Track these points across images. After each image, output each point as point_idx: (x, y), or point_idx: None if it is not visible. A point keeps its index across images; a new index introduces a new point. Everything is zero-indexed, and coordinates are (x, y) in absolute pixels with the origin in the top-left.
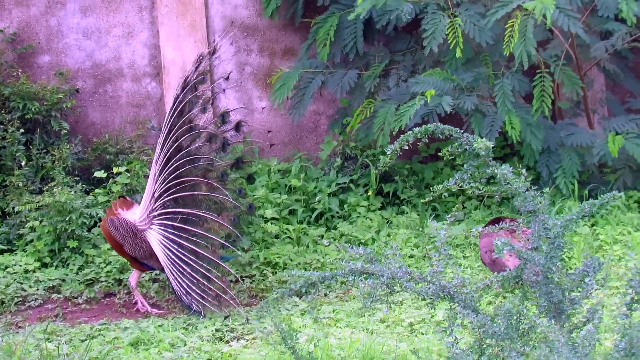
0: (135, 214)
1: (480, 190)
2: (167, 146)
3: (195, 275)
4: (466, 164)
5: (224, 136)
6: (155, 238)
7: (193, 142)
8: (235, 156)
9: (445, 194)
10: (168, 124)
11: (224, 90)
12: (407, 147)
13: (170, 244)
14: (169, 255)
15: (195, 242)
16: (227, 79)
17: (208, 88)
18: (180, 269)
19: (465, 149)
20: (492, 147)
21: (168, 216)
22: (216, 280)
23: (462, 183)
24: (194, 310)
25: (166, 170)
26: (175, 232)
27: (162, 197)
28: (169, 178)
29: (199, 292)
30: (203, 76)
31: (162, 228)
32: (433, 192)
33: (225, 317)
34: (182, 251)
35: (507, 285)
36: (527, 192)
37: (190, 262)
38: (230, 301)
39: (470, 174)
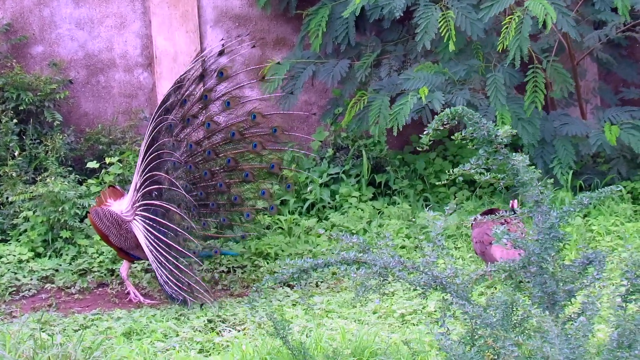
0: (122, 205)
1: (485, 176)
2: (146, 139)
3: (168, 266)
4: (480, 149)
5: (252, 137)
6: (139, 229)
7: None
8: (271, 162)
9: (457, 177)
10: (155, 118)
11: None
12: (399, 138)
13: (150, 235)
14: (149, 246)
15: (169, 235)
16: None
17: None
18: (160, 260)
19: (483, 135)
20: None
21: (146, 207)
22: (187, 271)
23: (476, 168)
24: (180, 300)
25: (145, 162)
26: (152, 223)
27: (141, 189)
28: (147, 169)
29: (176, 282)
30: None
31: (143, 219)
32: (449, 175)
33: (201, 305)
34: (159, 242)
35: (512, 275)
36: (532, 179)
37: (165, 253)
38: (203, 292)
39: (484, 160)
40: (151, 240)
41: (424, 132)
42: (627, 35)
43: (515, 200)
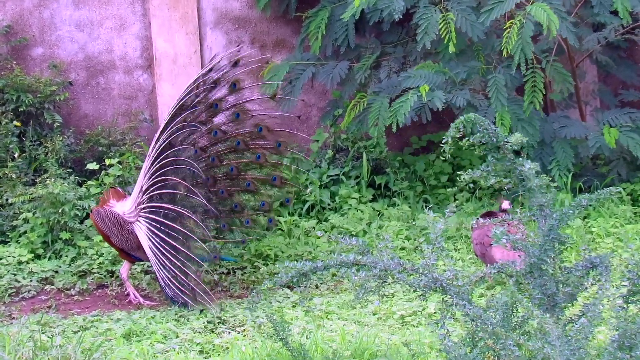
0: (125, 206)
1: (491, 181)
2: (160, 143)
3: (173, 269)
4: (489, 156)
5: (257, 149)
6: (141, 230)
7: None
8: (273, 173)
9: (468, 183)
10: (167, 122)
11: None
12: (398, 139)
13: (154, 237)
14: (152, 248)
15: (175, 238)
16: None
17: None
18: (163, 262)
19: (491, 141)
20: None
21: (153, 210)
22: (191, 274)
23: (486, 174)
24: (181, 303)
25: (154, 165)
26: (159, 226)
27: (148, 191)
28: (157, 173)
29: (178, 285)
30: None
31: (147, 221)
32: (461, 181)
33: (201, 311)
34: (164, 245)
35: (519, 280)
36: (541, 187)
37: (170, 256)
38: (205, 296)
39: (493, 166)
40: (155, 242)
41: (443, 141)
42: (626, 37)
43: (506, 200)
